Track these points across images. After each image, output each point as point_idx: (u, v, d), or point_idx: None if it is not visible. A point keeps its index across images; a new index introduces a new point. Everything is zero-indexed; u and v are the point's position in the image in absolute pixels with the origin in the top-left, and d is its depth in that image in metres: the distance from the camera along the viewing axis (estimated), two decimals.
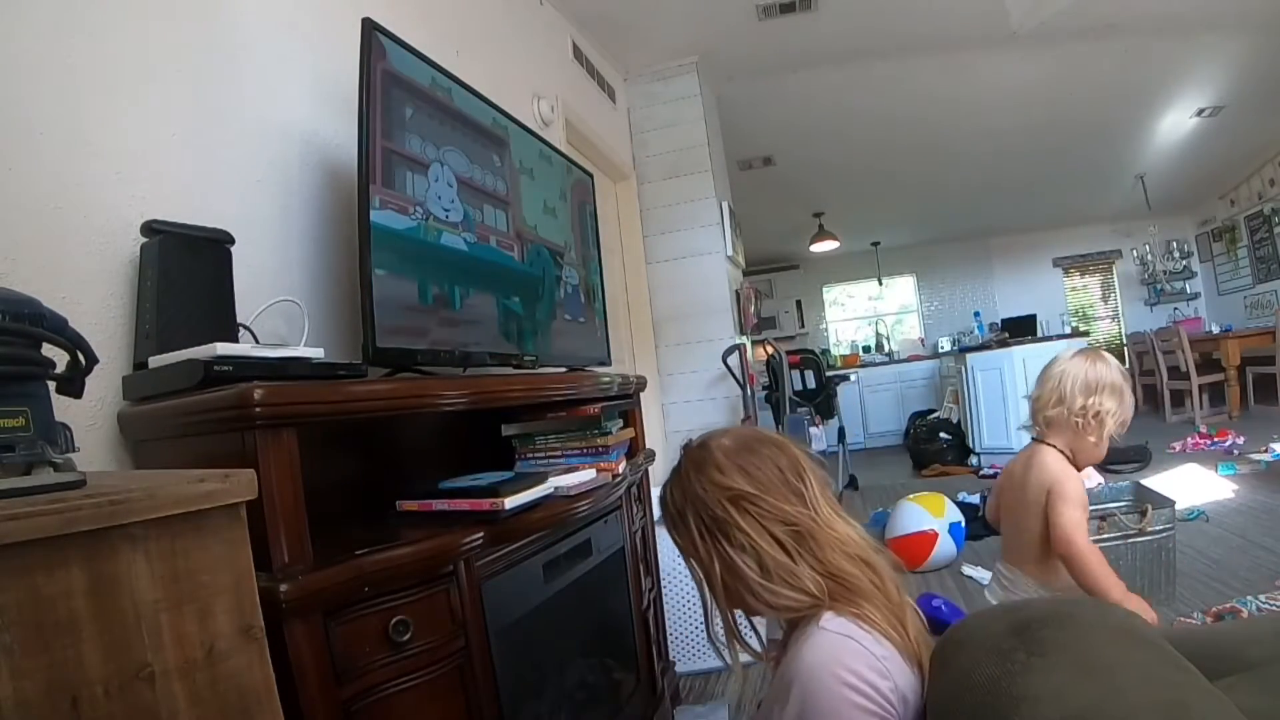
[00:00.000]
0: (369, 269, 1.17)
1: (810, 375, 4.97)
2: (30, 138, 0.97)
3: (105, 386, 1.01)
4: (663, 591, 2.06)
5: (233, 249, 1.15)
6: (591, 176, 2.17)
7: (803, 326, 8.58)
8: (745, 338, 3.85)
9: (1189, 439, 4.87)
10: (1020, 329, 6.73)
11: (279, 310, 1.27)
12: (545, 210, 1.81)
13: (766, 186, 5.72)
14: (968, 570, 2.87)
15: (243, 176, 1.31)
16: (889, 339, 8.42)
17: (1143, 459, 4.38)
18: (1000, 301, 8.30)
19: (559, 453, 1.51)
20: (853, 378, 7.29)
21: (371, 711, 0.91)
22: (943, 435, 5.58)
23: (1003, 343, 5.42)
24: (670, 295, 3.75)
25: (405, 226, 1.27)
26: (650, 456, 1.98)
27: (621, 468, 1.57)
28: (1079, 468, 1.49)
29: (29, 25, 0.99)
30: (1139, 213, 7.21)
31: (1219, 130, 5.59)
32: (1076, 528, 1.40)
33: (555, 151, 1.92)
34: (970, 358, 5.39)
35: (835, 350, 8.50)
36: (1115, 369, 1.51)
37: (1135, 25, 3.84)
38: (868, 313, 8.90)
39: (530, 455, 1.53)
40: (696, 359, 3.71)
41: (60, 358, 0.67)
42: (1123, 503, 2.70)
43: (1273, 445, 4.02)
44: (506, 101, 1.75)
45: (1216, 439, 4.77)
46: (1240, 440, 4.60)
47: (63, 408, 0.71)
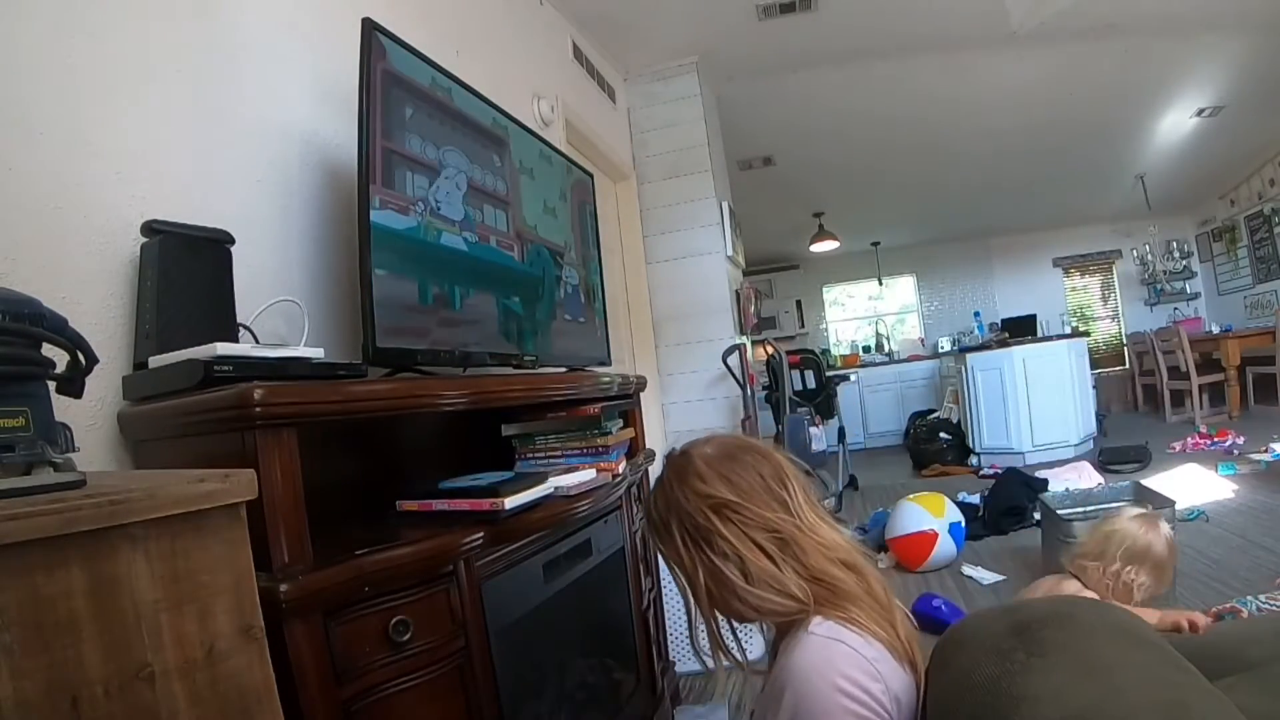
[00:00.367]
0: (369, 269, 1.17)
1: (810, 375, 4.97)
2: (30, 138, 0.97)
3: (105, 386, 1.01)
4: (663, 591, 2.06)
5: (233, 249, 1.15)
6: (591, 176, 2.17)
7: (803, 326, 8.57)
8: (745, 338, 3.85)
9: (1189, 439, 4.87)
10: (1020, 329, 6.72)
11: (279, 310, 1.27)
12: (545, 210, 1.81)
13: (766, 186, 5.72)
14: (968, 570, 2.87)
15: (243, 176, 1.31)
16: (889, 339, 8.42)
17: (1143, 459, 4.38)
18: (1000, 301, 8.30)
19: (559, 453, 1.51)
20: (853, 378, 7.28)
21: (371, 711, 0.91)
22: (943, 435, 5.58)
23: (1003, 343, 5.41)
24: (670, 295, 3.75)
25: (405, 226, 1.27)
26: (650, 456, 1.98)
27: (621, 468, 1.57)
28: None
29: (29, 25, 0.99)
30: (1139, 213, 7.21)
31: (1219, 130, 5.59)
32: None
33: (555, 151, 1.92)
34: (970, 358, 5.39)
35: (835, 350, 8.50)
36: (1165, 542, 1.49)
37: (1135, 25, 3.84)
38: (868, 313, 8.90)
39: (530, 455, 1.53)
40: (696, 359, 3.71)
41: (60, 358, 0.67)
42: (1123, 503, 2.70)
43: (1273, 445, 4.02)
44: (506, 101, 1.75)
45: (1216, 439, 4.77)
46: (1240, 440, 4.60)
47: (63, 408, 0.71)
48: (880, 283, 8.55)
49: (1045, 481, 3.62)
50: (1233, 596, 2.12)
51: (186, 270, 1.07)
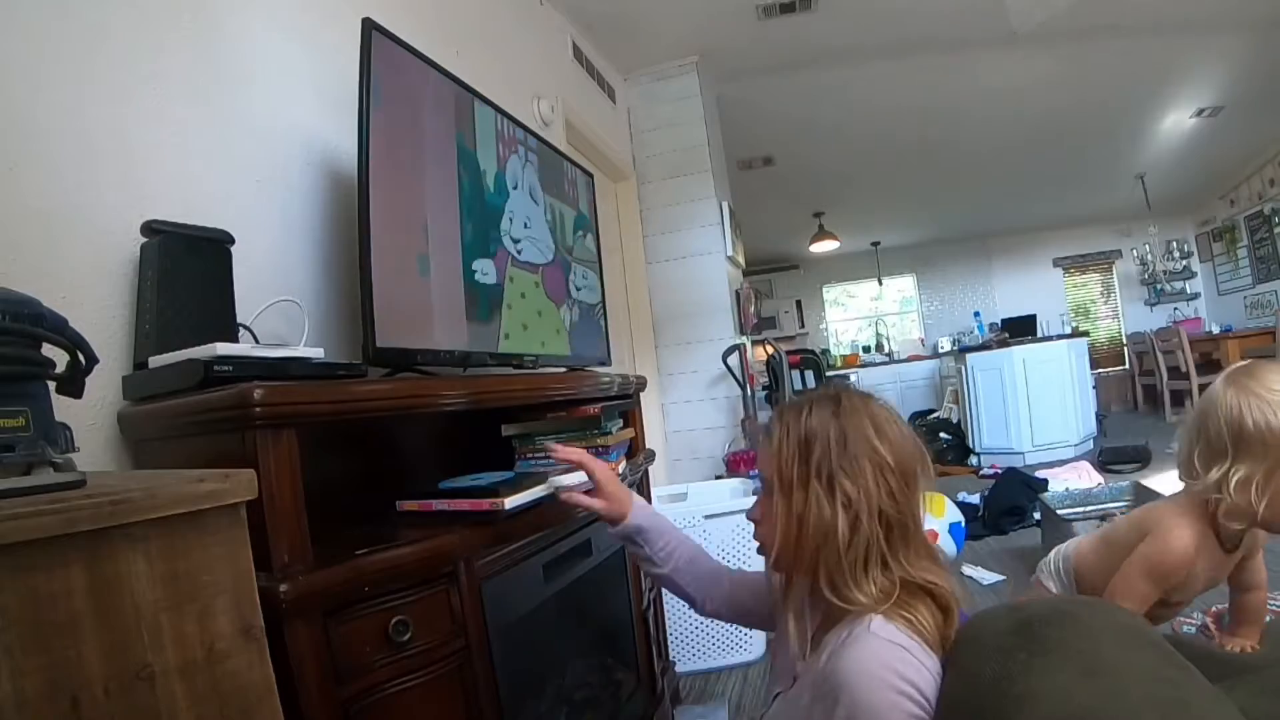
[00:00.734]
0: (369, 269, 1.17)
1: (810, 375, 4.97)
2: (31, 138, 0.97)
3: (105, 386, 1.01)
4: (663, 591, 2.06)
5: (233, 249, 1.15)
6: (591, 176, 2.17)
7: (803, 326, 8.58)
8: (745, 338, 3.85)
9: None
10: (1020, 329, 6.73)
11: (279, 310, 1.27)
12: (546, 210, 1.81)
13: (766, 186, 5.72)
14: (968, 570, 2.86)
15: (243, 176, 1.31)
16: (889, 339, 8.42)
17: (1142, 459, 4.38)
18: (1000, 301, 8.31)
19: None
20: (853, 378, 7.29)
21: (371, 711, 0.91)
22: (943, 435, 5.58)
23: (1003, 343, 5.42)
24: (670, 295, 3.75)
25: None
26: (650, 456, 1.98)
27: (621, 468, 1.57)
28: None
29: (30, 26, 0.99)
30: (1139, 213, 7.22)
31: (1219, 130, 5.60)
32: (1130, 598, 1.23)
33: (555, 151, 1.92)
34: (970, 358, 5.39)
35: (835, 350, 8.50)
36: None
37: (1135, 25, 3.84)
38: (868, 313, 8.90)
39: (530, 455, 1.52)
40: (696, 359, 3.71)
41: (60, 358, 0.67)
42: (1123, 503, 2.70)
43: None
44: (507, 101, 1.75)
45: None
46: None
47: (63, 408, 0.71)
48: (880, 283, 8.56)
49: (1045, 481, 3.62)
50: None
51: (186, 270, 1.06)
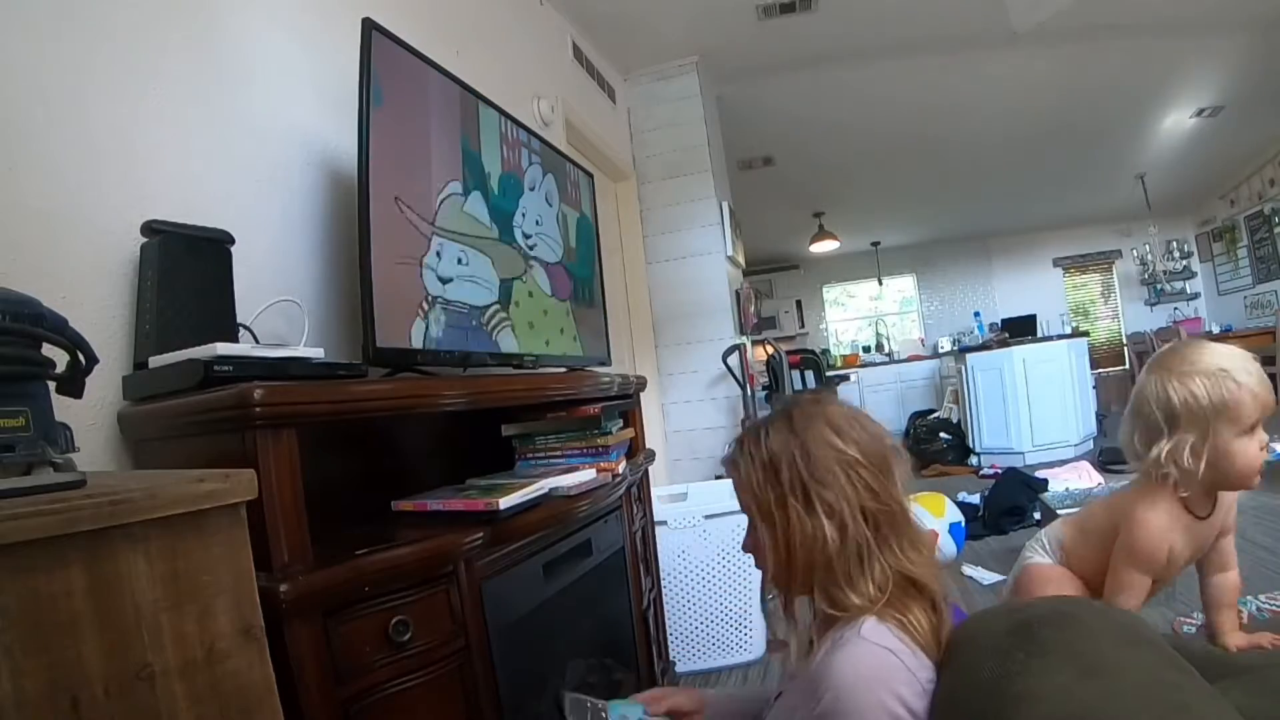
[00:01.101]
0: (369, 269, 1.17)
1: (810, 375, 4.97)
2: (31, 138, 0.97)
3: (105, 386, 1.01)
4: (663, 591, 2.06)
5: (233, 249, 1.15)
6: (591, 176, 2.17)
7: (803, 326, 8.58)
8: (745, 338, 3.85)
9: None
10: (1020, 329, 6.73)
11: (279, 310, 1.27)
12: (546, 210, 1.81)
13: (766, 186, 5.72)
14: (968, 570, 2.87)
15: (243, 176, 1.31)
16: (889, 339, 8.42)
17: None
18: (1000, 301, 8.31)
19: (559, 453, 1.51)
20: (853, 378, 7.29)
21: (371, 711, 0.91)
22: (943, 435, 5.58)
23: (1003, 343, 5.42)
24: (670, 295, 3.75)
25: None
26: (650, 456, 1.98)
27: (621, 468, 1.57)
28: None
29: (30, 25, 0.99)
30: (1139, 213, 7.22)
31: (1219, 130, 5.60)
32: (1128, 594, 1.26)
33: (555, 152, 1.92)
34: (970, 358, 5.39)
35: (835, 350, 8.50)
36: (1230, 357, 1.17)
37: (1135, 25, 3.84)
38: (868, 313, 8.90)
39: (530, 455, 1.53)
40: (696, 359, 3.71)
41: (60, 358, 0.67)
42: None
43: (1273, 445, 4.01)
44: (507, 101, 1.75)
45: None
46: None
47: (63, 408, 0.71)
48: (880, 283, 8.56)
49: (1045, 481, 3.62)
50: None
51: (186, 270, 1.06)
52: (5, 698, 0.47)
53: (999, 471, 4.32)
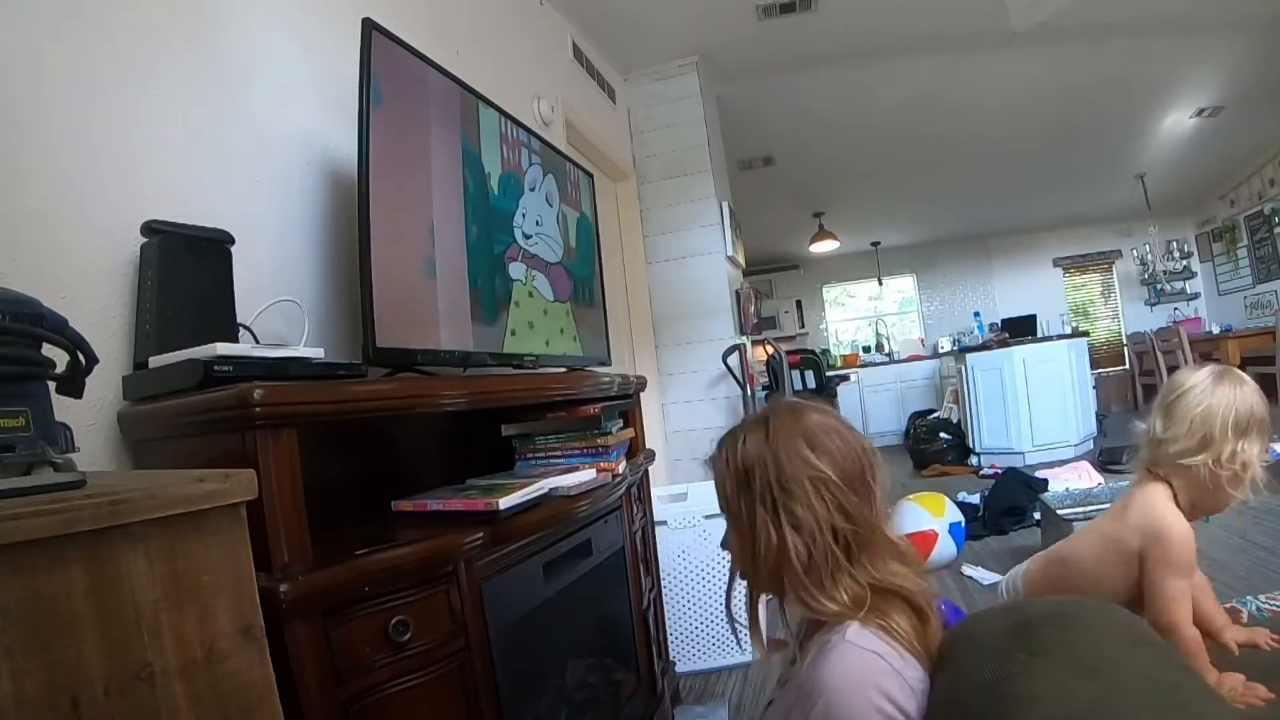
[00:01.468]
0: (369, 269, 1.17)
1: (810, 375, 4.97)
2: (31, 138, 0.97)
3: (105, 386, 1.01)
4: (663, 591, 2.06)
5: (233, 249, 1.15)
6: (591, 176, 2.17)
7: (803, 326, 8.58)
8: (745, 338, 3.85)
9: None
10: (1020, 329, 6.73)
11: (279, 310, 1.27)
12: (546, 210, 1.81)
13: (766, 186, 5.72)
14: (968, 570, 2.87)
15: (243, 176, 1.31)
16: (889, 339, 8.42)
17: None
18: (1000, 301, 8.31)
19: (559, 453, 1.51)
20: (853, 378, 7.29)
21: (371, 711, 0.91)
22: (943, 435, 5.58)
23: (1003, 343, 5.42)
24: (670, 295, 3.75)
25: None
26: (650, 456, 1.98)
27: (621, 468, 1.57)
28: (1190, 519, 1.25)
29: (30, 25, 0.99)
30: (1139, 213, 7.22)
31: (1219, 130, 5.60)
32: (1178, 604, 1.19)
33: (556, 152, 1.92)
34: (970, 358, 5.39)
35: (835, 350, 8.50)
36: (1256, 392, 1.22)
37: (1135, 25, 3.84)
38: (868, 313, 8.90)
39: (530, 455, 1.53)
40: (696, 359, 3.71)
41: (60, 358, 0.67)
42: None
43: (1273, 445, 4.01)
44: (507, 101, 1.75)
45: None
46: None
47: (63, 408, 0.71)
48: (880, 283, 8.56)
49: (1045, 481, 3.62)
50: (1233, 597, 2.12)
51: (186, 270, 1.06)
52: (5, 698, 0.47)
53: (999, 471, 4.32)
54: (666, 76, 3.75)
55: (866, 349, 8.50)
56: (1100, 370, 7.58)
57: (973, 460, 5.30)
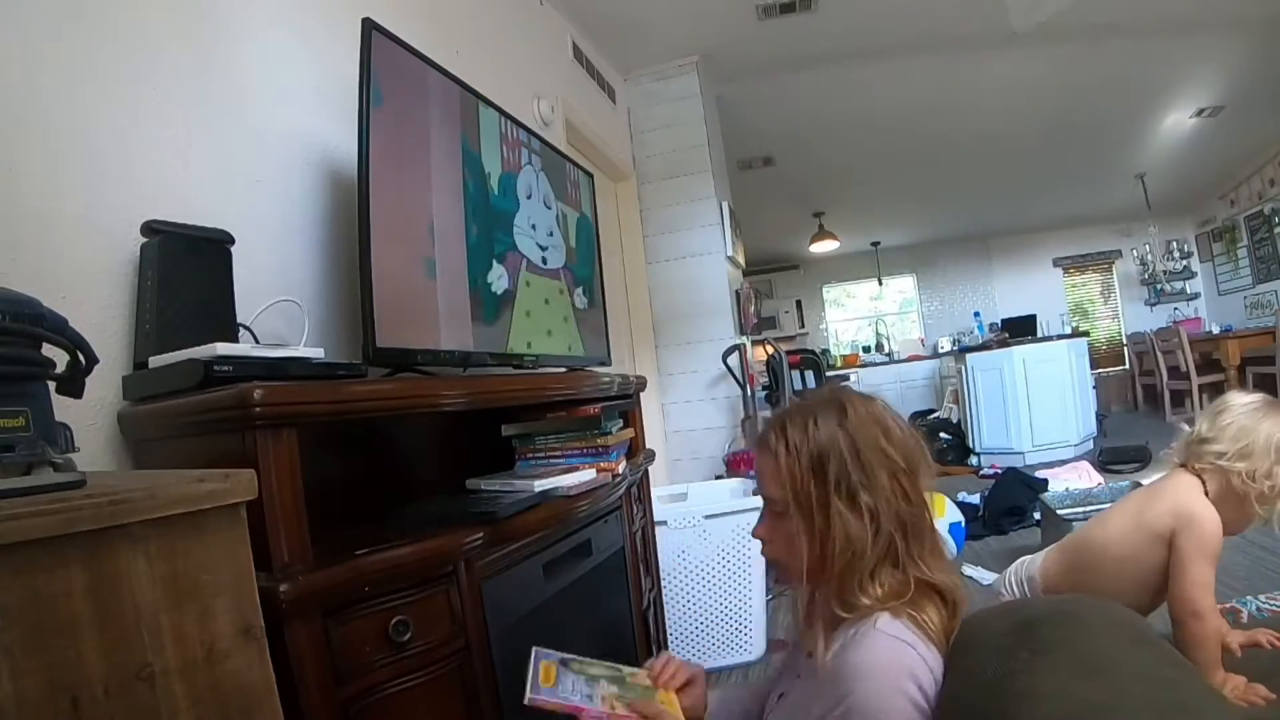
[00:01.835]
0: (369, 269, 1.17)
1: (810, 375, 4.96)
2: (31, 138, 0.97)
3: (105, 386, 1.01)
4: (663, 591, 2.06)
5: (233, 249, 1.15)
6: (591, 176, 2.17)
7: (803, 326, 8.58)
8: (745, 338, 3.85)
9: None
10: (1020, 329, 6.73)
11: (279, 310, 1.27)
12: (546, 211, 1.81)
13: (766, 186, 5.72)
14: (968, 570, 2.87)
15: (243, 176, 1.31)
16: (889, 339, 8.42)
17: (1143, 459, 4.38)
18: (1000, 301, 8.31)
19: (559, 453, 1.51)
20: (853, 378, 7.29)
21: (371, 711, 0.91)
22: (943, 435, 5.59)
23: (1003, 343, 5.42)
24: (670, 295, 3.75)
25: None
26: (650, 456, 1.98)
27: (621, 468, 1.57)
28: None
29: (29, 25, 0.99)
30: (1139, 213, 7.22)
31: (1219, 130, 5.60)
32: (1206, 590, 1.21)
33: (556, 152, 1.92)
34: (970, 358, 5.39)
35: (835, 350, 8.50)
36: None
37: (1135, 25, 3.84)
38: (868, 313, 8.90)
39: (530, 455, 1.53)
40: (696, 359, 3.71)
41: (60, 358, 0.67)
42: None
43: None
44: (507, 101, 1.75)
45: None
46: None
47: (63, 408, 0.71)
48: (880, 283, 8.56)
49: (1045, 481, 3.62)
50: (1233, 596, 2.12)
51: (186, 270, 1.06)
52: (5, 698, 0.47)
53: (999, 471, 4.32)
54: (666, 76, 3.75)
55: (866, 349, 8.50)
56: (1100, 370, 7.58)
57: (973, 460, 5.30)
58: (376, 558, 0.92)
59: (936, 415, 6.13)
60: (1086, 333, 6.31)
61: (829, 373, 5.39)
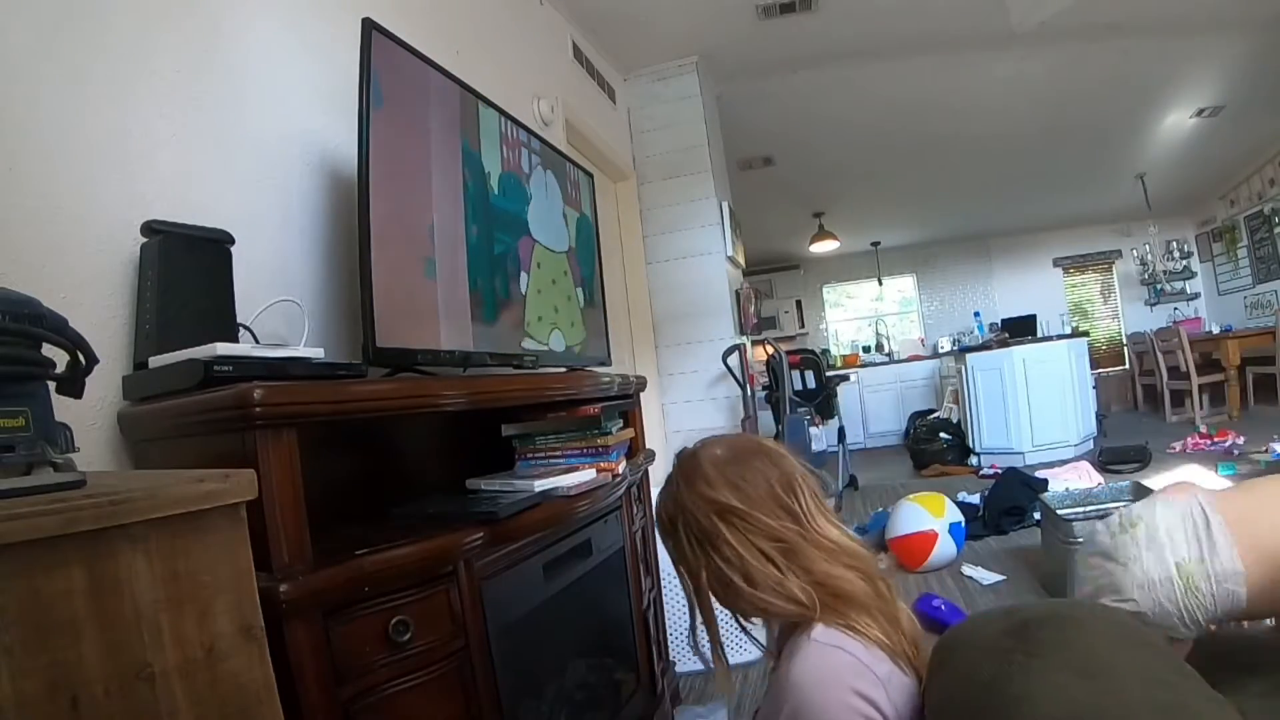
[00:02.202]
0: (369, 269, 1.17)
1: (810, 375, 4.96)
2: (31, 138, 0.97)
3: (105, 386, 1.02)
4: (663, 591, 2.06)
5: (233, 249, 1.15)
6: (591, 176, 2.17)
7: (803, 326, 8.57)
8: (745, 338, 3.85)
9: (1189, 439, 4.86)
10: (1020, 329, 6.73)
11: (279, 310, 1.27)
12: (546, 211, 1.81)
13: (766, 186, 5.72)
14: (968, 570, 2.86)
15: (243, 176, 1.31)
16: (889, 339, 8.42)
17: (1143, 459, 4.38)
18: (1000, 301, 8.30)
19: (559, 453, 1.51)
20: (853, 378, 7.28)
21: (371, 711, 0.91)
22: (943, 435, 5.58)
23: (1003, 343, 5.41)
24: (670, 295, 3.75)
25: None
26: (650, 456, 1.98)
27: (621, 468, 1.57)
28: None
29: (30, 25, 0.99)
30: (1139, 213, 7.21)
31: (1219, 130, 5.59)
32: None
33: (556, 152, 1.92)
34: (970, 358, 5.39)
35: (835, 350, 8.50)
36: None
37: (1135, 25, 3.84)
38: (868, 313, 8.90)
39: (530, 455, 1.53)
40: (696, 359, 3.71)
41: (60, 358, 0.67)
42: (1122, 503, 2.70)
43: (1273, 445, 4.02)
44: (507, 101, 1.75)
45: (1216, 439, 4.76)
46: (1240, 440, 4.60)
47: (63, 408, 0.71)
48: (880, 283, 8.55)
49: (1045, 481, 3.62)
50: None
51: (186, 270, 1.07)
52: (5, 698, 0.47)
53: (999, 471, 4.32)
54: (666, 76, 3.75)
55: (866, 349, 8.49)
56: (1100, 370, 7.58)
57: (973, 460, 5.29)
58: (377, 558, 0.92)
59: (936, 415, 6.13)
60: (1086, 333, 6.31)
61: (829, 372, 5.38)
